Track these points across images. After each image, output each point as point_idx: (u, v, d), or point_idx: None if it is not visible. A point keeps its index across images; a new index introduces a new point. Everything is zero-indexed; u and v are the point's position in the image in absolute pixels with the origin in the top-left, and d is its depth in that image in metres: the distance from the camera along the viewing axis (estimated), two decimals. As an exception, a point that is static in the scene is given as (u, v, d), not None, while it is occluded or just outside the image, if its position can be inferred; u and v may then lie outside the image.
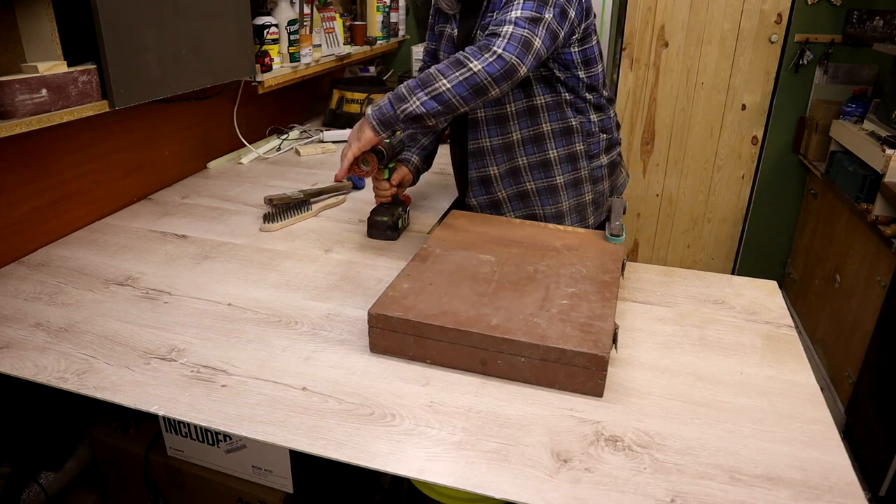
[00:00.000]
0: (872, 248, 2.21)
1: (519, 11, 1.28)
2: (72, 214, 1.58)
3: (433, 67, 1.29)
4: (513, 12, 1.28)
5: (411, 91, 1.26)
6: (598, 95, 1.56)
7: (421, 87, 1.25)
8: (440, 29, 1.62)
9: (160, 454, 1.36)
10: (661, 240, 3.42)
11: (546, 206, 1.59)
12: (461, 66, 1.24)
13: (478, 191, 1.62)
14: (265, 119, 2.43)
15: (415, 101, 1.26)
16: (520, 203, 1.60)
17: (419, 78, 1.27)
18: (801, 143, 2.95)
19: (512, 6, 1.30)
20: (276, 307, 1.24)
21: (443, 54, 1.58)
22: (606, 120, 1.60)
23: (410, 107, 1.26)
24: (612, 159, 1.63)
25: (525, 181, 1.57)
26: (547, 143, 1.53)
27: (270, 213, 1.64)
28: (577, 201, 1.60)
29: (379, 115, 1.29)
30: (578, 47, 1.47)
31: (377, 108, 1.30)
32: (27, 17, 1.25)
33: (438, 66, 1.27)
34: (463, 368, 1.05)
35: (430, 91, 1.25)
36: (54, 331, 1.14)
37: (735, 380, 1.06)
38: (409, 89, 1.27)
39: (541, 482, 0.84)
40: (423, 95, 1.25)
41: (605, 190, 1.64)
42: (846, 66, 2.84)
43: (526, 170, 1.56)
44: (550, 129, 1.52)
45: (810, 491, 0.83)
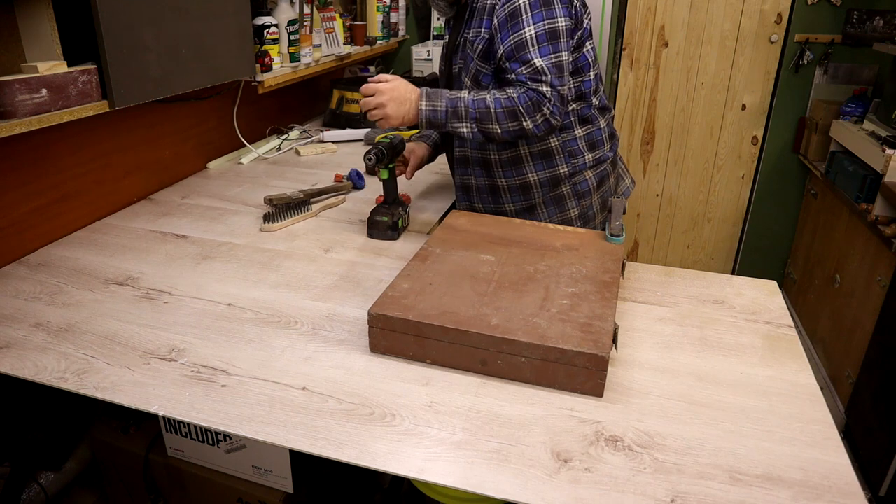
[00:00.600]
0: (872, 248, 2.21)
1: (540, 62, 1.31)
2: (72, 214, 1.58)
3: (492, 105, 1.34)
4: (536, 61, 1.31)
5: (468, 117, 1.35)
6: (587, 105, 1.51)
7: (478, 120, 1.35)
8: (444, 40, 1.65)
9: (160, 454, 1.36)
10: (661, 240, 3.42)
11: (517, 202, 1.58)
12: (515, 119, 1.34)
13: (461, 196, 1.64)
14: (265, 119, 2.43)
15: (467, 127, 1.36)
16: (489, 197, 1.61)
17: (478, 108, 1.35)
18: (801, 143, 2.95)
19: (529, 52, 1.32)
20: (276, 307, 1.24)
21: (442, 64, 1.60)
22: (596, 132, 1.55)
23: (461, 128, 1.37)
24: (600, 173, 1.58)
25: (504, 202, 1.57)
26: (525, 165, 1.51)
27: (270, 213, 1.64)
28: (560, 218, 1.58)
29: (432, 116, 1.37)
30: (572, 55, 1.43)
31: (432, 110, 1.36)
32: (27, 17, 1.25)
33: (497, 109, 1.34)
34: (463, 368, 1.05)
35: (483, 129, 1.36)
36: (54, 331, 1.14)
37: (735, 380, 1.06)
38: (466, 113, 1.35)
39: (541, 482, 0.84)
40: (475, 127, 1.36)
41: (594, 203, 1.59)
42: (846, 66, 2.84)
43: (505, 191, 1.55)
44: (528, 151, 1.50)
45: (810, 491, 0.83)
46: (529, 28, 1.32)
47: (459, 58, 1.48)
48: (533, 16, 1.32)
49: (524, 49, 1.33)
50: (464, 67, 1.47)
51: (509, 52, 1.35)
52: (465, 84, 1.48)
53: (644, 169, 3.29)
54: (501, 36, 1.35)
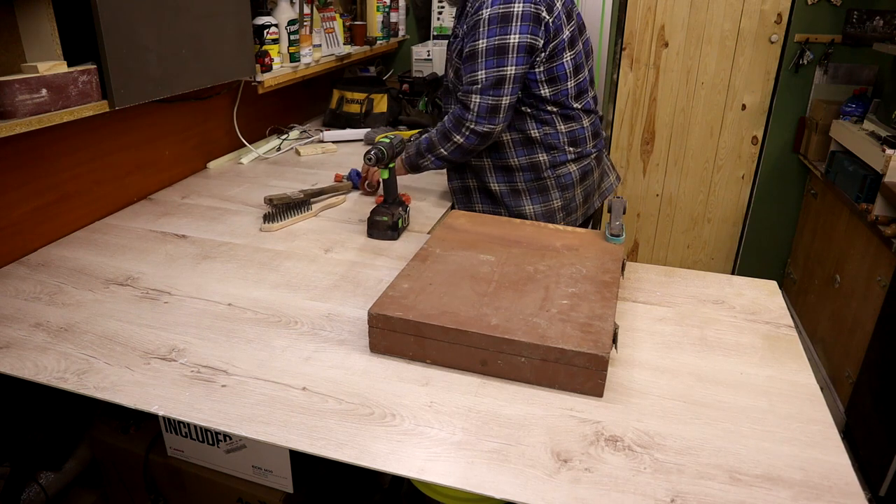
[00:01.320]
0: (872, 248, 2.21)
1: (482, 73, 1.46)
2: (72, 214, 1.58)
3: (434, 135, 1.60)
4: (479, 73, 1.47)
5: (425, 152, 1.62)
6: (566, 108, 1.59)
7: (429, 150, 1.61)
8: None
9: (160, 454, 1.36)
10: (661, 240, 3.42)
11: (511, 206, 1.65)
12: (448, 139, 1.56)
13: (452, 174, 1.73)
14: (265, 119, 2.43)
15: (427, 160, 1.63)
16: (488, 199, 1.69)
17: (428, 141, 1.61)
18: (801, 143, 2.95)
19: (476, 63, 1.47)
20: (276, 307, 1.24)
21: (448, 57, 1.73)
22: (579, 130, 1.63)
23: (425, 163, 1.64)
24: (583, 168, 1.67)
25: (489, 182, 1.67)
26: (507, 150, 1.63)
27: (270, 213, 1.64)
28: (543, 207, 1.66)
29: (409, 161, 1.66)
30: (545, 66, 1.52)
31: (407, 157, 1.66)
32: (27, 17, 1.25)
33: (436, 134, 1.59)
34: (463, 368, 1.05)
35: (436, 154, 1.61)
36: (54, 331, 1.14)
37: (735, 380, 1.06)
38: (424, 149, 1.62)
39: (541, 482, 0.84)
40: (432, 157, 1.62)
41: (575, 196, 1.68)
42: (846, 66, 2.84)
43: (490, 170, 1.66)
44: (510, 138, 1.61)
45: (810, 491, 0.83)
46: (483, 41, 1.45)
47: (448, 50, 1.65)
48: (489, 31, 1.45)
49: (474, 59, 1.48)
50: (449, 60, 1.64)
51: (466, 57, 1.51)
52: (448, 75, 1.65)
53: (644, 169, 3.29)
54: (465, 42, 1.51)
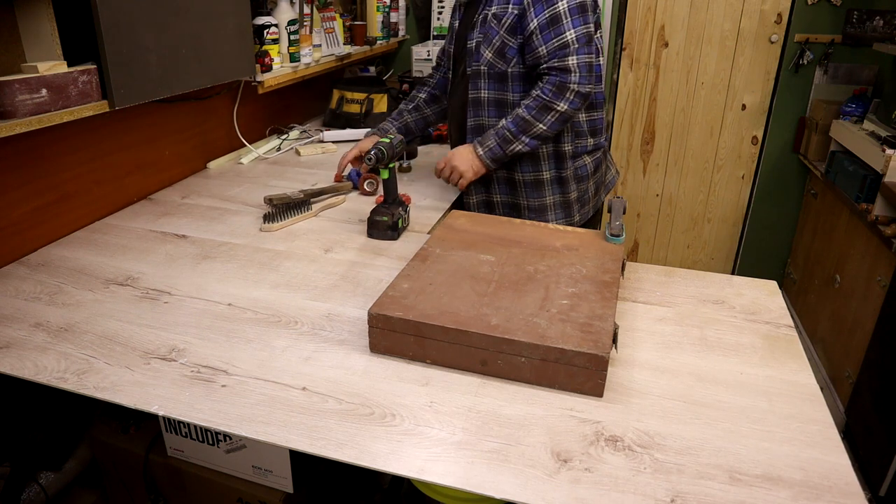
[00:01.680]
0: (872, 248, 2.21)
1: (572, 33, 1.46)
2: (72, 214, 1.58)
3: (526, 113, 1.51)
4: (568, 34, 1.46)
5: (515, 136, 1.53)
6: (598, 92, 1.63)
7: (523, 132, 1.52)
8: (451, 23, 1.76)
9: (160, 454, 1.36)
10: (661, 240, 3.42)
11: (531, 198, 1.65)
12: (548, 111, 1.49)
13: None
14: (265, 119, 2.43)
15: (520, 143, 1.54)
16: (507, 188, 1.69)
17: (516, 123, 1.52)
18: (801, 143, 2.95)
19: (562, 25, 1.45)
20: (276, 307, 1.24)
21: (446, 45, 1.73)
22: (599, 120, 1.67)
23: (518, 147, 1.54)
24: (596, 160, 1.71)
25: (516, 171, 1.66)
26: None
27: (270, 213, 1.64)
28: (562, 198, 1.68)
29: (491, 155, 1.57)
30: None
31: (488, 150, 1.56)
32: (27, 17, 1.25)
33: (529, 111, 1.50)
34: (463, 368, 1.05)
35: (532, 134, 1.52)
36: (54, 331, 1.14)
37: (735, 380, 1.06)
38: (512, 134, 1.53)
39: (541, 482, 0.84)
40: (526, 138, 1.53)
41: (588, 188, 1.72)
42: (846, 66, 2.84)
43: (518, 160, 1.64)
44: None
45: (810, 491, 0.83)
46: (562, 2, 1.45)
47: (478, 32, 1.58)
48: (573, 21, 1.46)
49: (559, 21, 1.45)
50: (484, 41, 1.56)
51: (543, 24, 1.46)
52: (483, 57, 1.57)
53: (644, 169, 3.29)
54: (535, 10, 1.46)
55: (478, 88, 1.61)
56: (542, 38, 1.47)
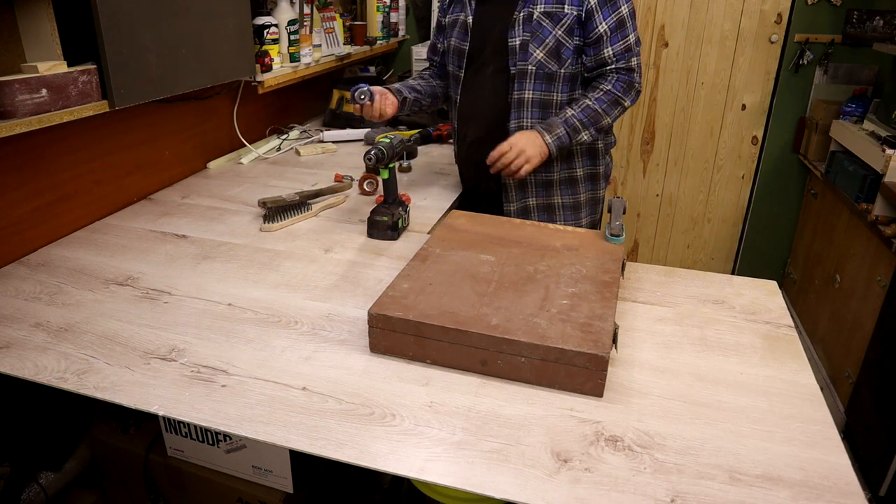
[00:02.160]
0: (872, 248, 2.21)
1: (633, 37, 1.57)
2: (72, 214, 1.58)
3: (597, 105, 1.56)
4: (630, 37, 1.56)
5: (584, 126, 1.57)
6: None
7: (592, 123, 1.57)
8: (452, 18, 1.71)
9: (160, 454, 1.36)
10: (661, 240, 3.42)
11: (565, 195, 1.68)
12: (618, 105, 1.58)
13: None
14: (265, 119, 2.43)
15: (587, 133, 1.57)
16: (543, 190, 1.71)
17: (587, 114, 1.56)
18: (801, 143, 2.95)
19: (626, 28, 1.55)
20: (276, 307, 1.24)
21: (454, 41, 1.69)
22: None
23: (583, 137, 1.58)
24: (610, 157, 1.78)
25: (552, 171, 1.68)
26: None
27: (270, 213, 1.64)
28: (592, 195, 1.73)
29: (559, 143, 1.56)
30: None
31: (557, 139, 1.55)
32: (27, 17, 1.25)
33: (601, 104, 1.56)
34: (463, 368, 1.05)
35: (599, 126, 1.58)
36: (54, 331, 1.14)
37: (735, 380, 1.06)
38: (582, 125, 1.56)
39: (541, 482, 0.84)
40: (593, 129, 1.58)
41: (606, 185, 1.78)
42: (846, 66, 2.84)
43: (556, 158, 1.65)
44: None
45: (810, 491, 0.83)
46: (624, 6, 1.54)
47: (524, 31, 1.56)
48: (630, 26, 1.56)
49: (623, 25, 1.54)
50: (533, 40, 1.56)
51: (613, 27, 1.54)
52: (532, 56, 1.57)
53: (644, 169, 3.29)
54: (603, 14, 1.53)
55: (522, 89, 1.60)
56: (611, 41, 1.54)
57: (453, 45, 1.70)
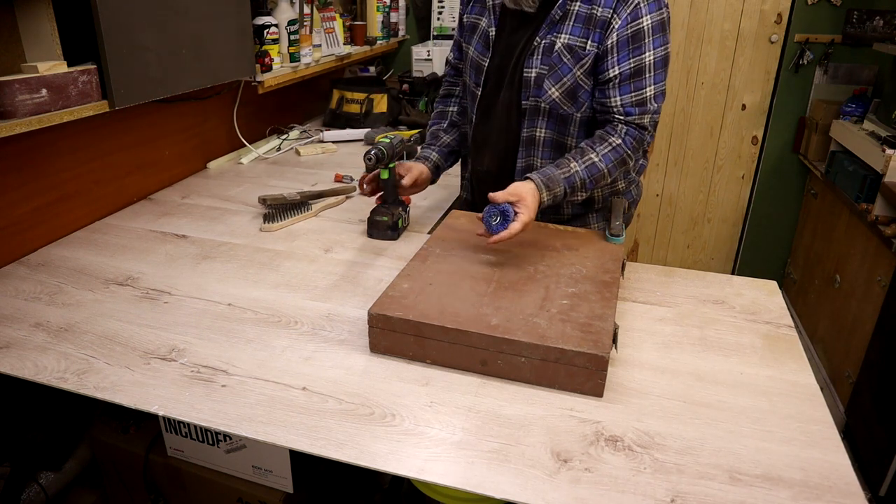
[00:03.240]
0: (872, 248, 2.21)
1: (652, 90, 1.33)
2: (72, 214, 1.58)
3: (603, 165, 1.33)
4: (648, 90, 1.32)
5: (584, 188, 1.34)
6: None
7: (594, 183, 1.34)
8: (472, 20, 1.49)
9: (160, 454, 1.36)
10: (661, 240, 3.42)
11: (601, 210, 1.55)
12: (623, 164, 1.36)
13: None
14: (265, 119, 2.43)
15: (582, 194, 1.36)
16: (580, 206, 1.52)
17: (591, 173, 1.33)
18: (801, 143, 2.95)
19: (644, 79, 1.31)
20: (276, 307, 1.24)
21: (473, 52, 1.47)
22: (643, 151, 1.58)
23: (579, 196, 1.37)
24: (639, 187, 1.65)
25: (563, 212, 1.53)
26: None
27: (270, 213, 1.64)
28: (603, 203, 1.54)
29: (553, 201, 1.32)
30: None
31: (553, 197, 1.30)
32: (27, 17, 1.25)
33: (607, 162, 1.33)
34: (463, 368, 1.05)
35: (599, 183, 1.36)
36: (54, 331, 1.14)
37: (735, 380, 1.06)
38: (582, 185, 1.33)
39: (541, 482, 0.84)
40: (591, 186, 1.35)
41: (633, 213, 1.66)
42: (846, 66, 2.84)
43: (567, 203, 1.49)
44: None
45: (810, 491, 0.83)
46: (650, 53, 1.30)
47: (541, 63, 1.36)
48: (654, 40, 1.30)
49: (641, 74, 1.31)
50: (550, 75, 1.35)
51: (626, 74, 1.31)
52: (547, 94, 1.36)
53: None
54: (619, 56, 1.30)
55: (534, 126, 1.41)
56: (620, 90, 1.32)
57: (472, 57, 1.48)
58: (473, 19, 1.49)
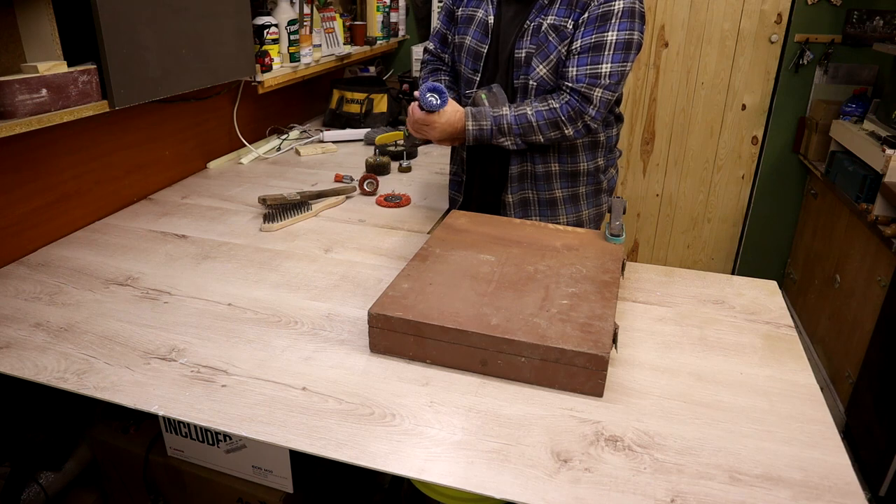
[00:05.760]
0: (872, 248, 2.21)
1: (608, 66, 1.40)
2: (72, 214, 1.58)
3: (534, 119, 1.42)
4: (603, 66, 1.39)
5: (511, 133, 1.45)
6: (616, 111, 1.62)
7: (521, 134, 1.45)
8: (469, 13, 1.57)
9: (160, 454, 1.36)
10: (661, 240, 3.42)
11: (570, 213, 1.63)
12: (557, 128, 1.43)
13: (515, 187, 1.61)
14: (265, 119, 2.43)
15: (510, 140, 1.46)
16: (547, 208, 1.62)
17: (520, 124, 1.44)
18: (801, 143, 2.95)
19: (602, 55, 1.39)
20: (276, 307, 1.24)
21: (470, 40, 1.55)
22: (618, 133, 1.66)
23: (506, 142, 1.47)
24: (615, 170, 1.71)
25: (555, 188, 1.60)
26: (579, 155, 1.58)
27: (270, 213, 1.64)
28: (595, 210, 1.66)
29: (478, 135, 1.46)
30: None
31: (478, 129, 1.45)
32: (27, 17, 1.25)
33: (538, 118, 1.43)
34: (463, 368, 1.05)
35: (527, 139, 1.46)
36: (54, 331, 1.14)
37: (735, 380, 1.06)
38: (509, 130, 1.44)
39: (541, 482, 0.84)
40: (519, 140, 1.46)
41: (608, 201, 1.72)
42: (846, 66, 2.84)
43: (557, 177, 1.59)
44: (583, 142, 1.57)
45: (810, 491, 0.83)
46: (613, 32, 1.38)
47: (530, 42, 1.45)
48: (620, 22, 1.38)
49: (600, 51, 1.39)
50: (538, 54, 1.44)
51: (586, 47, 1.40)
52: (535, 71, 1.45)
53: (644, 169, 3.29)
54: (584, 31, 1.40)
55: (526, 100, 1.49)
56: (578, 61, 1.40)
57: (469, 45, 1.56)
58: (470, 12, 1.57)
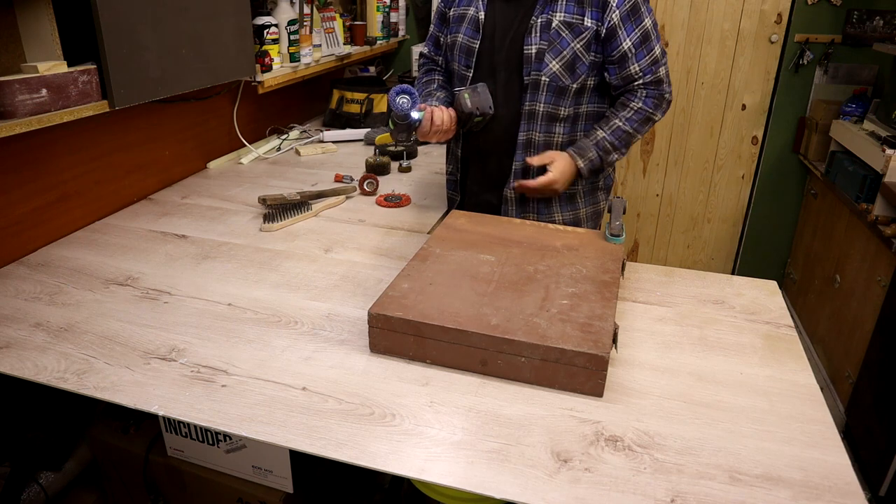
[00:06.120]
0: (872, 248, 2.21)
1: (658, 48, 1.50)
2: (72, 214, 1.58)
3: (626, 124, 1.50)
4: (656, 49, 1.49)
5: (615, 148, 1.52)
6: None
7: (623, 144, 1.53)
8: (460, 12, 1.58)
9: (160, 454, 1.36)
10: (661, 240, 3.42)
11: (565, 211, 1.62)
12: (650, 121, 1.53)
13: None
14: (265, 119, 2.43)
15: (617, 154, 1.53)
16: (544, 207, 1.61)
17: (618, 136, 1.51)
18: (801, 143, 2.95)
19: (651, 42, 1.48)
20: (276, 307, 1.24)
21: (462, 38, 1.56)
22: None
23: (614, 158, 1.54)
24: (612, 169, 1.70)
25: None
26: None
27: (270, 213, 1.64)
28: (593, 209, 1.66)
29: (591, 166, 1.52)
30: None
31: (588, 162, 1.51)
32: (27, 17, 1.25)
33: (632, 124, 1.51)
34: (463, 368, 1.05)
35: (629, 144, 1.54)
36: (54, 331, 1.14)
37: (735, 380, 1.06)
38: (612, 147, 1.52)
39: (541, 482, 0.84)
40: (624, 149, 1.54)
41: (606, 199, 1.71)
42: (846, 66, 2.84)
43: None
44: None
45: (810, 491, 0.83)
46: (647, 19, 1.46)
47: (540, 39, 1.46)
48: (646, 8, 1.47)
49: (648, 39, 1.47)
50: (550, 50, 1.45)
51: (637, 42, 1.46)
52: (548, 67, 1.46)
53: (644, 169, 3.29)
54: (626, 29, 1.45)
55: (534, 101, 1.50)
56: (636, 57, 1.47)
57: (461, 42, 1.56)
58: (462, 10, 1.59)
